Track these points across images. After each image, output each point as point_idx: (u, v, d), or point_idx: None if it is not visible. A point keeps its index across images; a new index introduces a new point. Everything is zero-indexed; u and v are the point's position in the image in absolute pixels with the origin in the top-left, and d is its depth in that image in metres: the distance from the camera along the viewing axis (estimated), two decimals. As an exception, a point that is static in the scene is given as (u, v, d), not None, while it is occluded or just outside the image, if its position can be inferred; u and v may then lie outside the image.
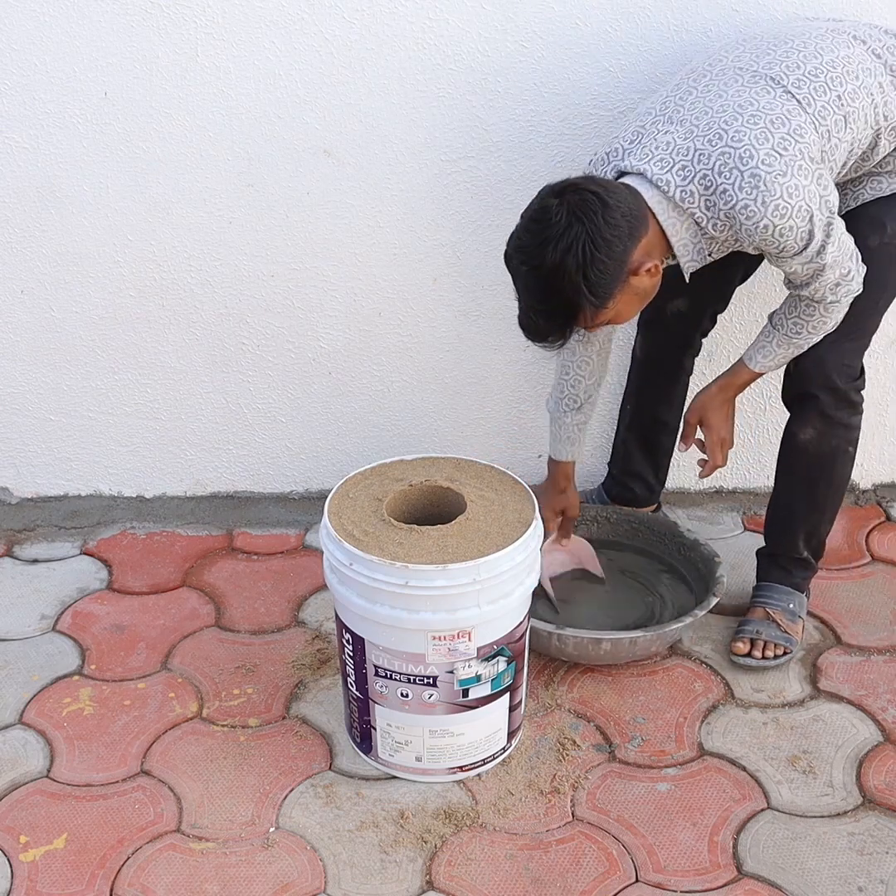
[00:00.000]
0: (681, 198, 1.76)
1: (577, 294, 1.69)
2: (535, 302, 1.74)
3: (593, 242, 1.66)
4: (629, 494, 2.43)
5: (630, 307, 1.82)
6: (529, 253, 1.70)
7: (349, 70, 2.20)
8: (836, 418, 2.06)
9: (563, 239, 1.66)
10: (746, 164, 1.72)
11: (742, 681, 2.12)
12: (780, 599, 2.18)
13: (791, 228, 1.74)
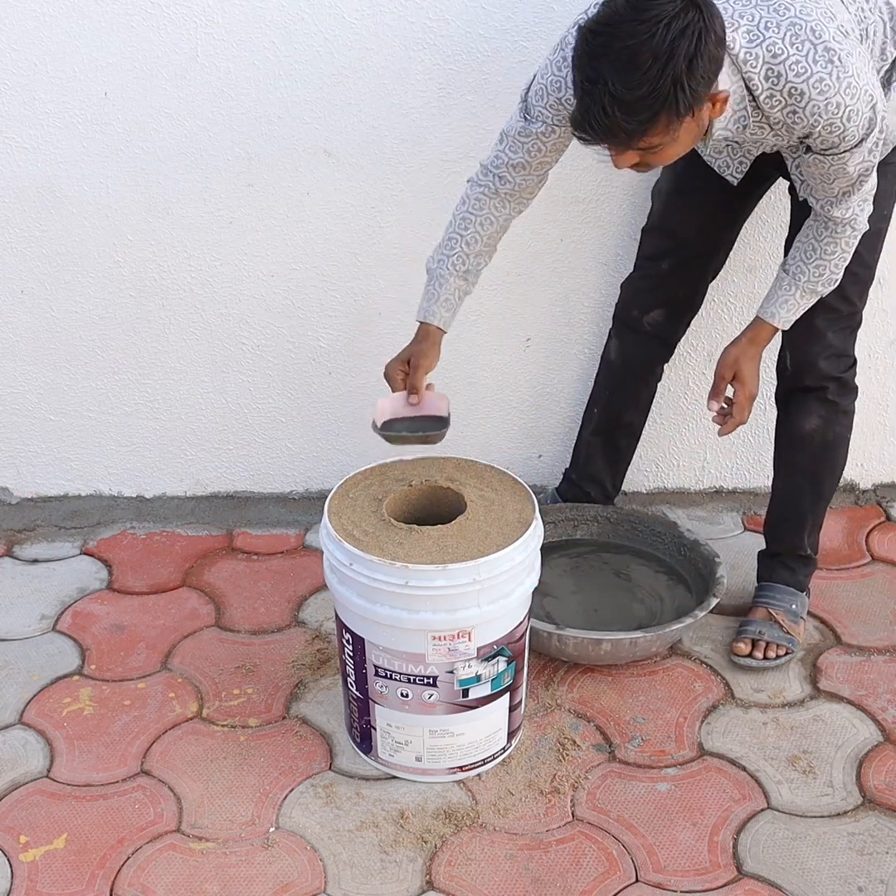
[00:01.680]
0: (744, 58, 1.61)
1: (675, 86, 1.49)
2: (620, 88, 1.48)
3: (707, 33, 1.49)
4: (585, 499, 2.41)
5: (687, 140, 1.63)
6: (630, 28, 1.47)
7: (349, 70, 2.20)
8: (840, 405, 2.07)
9: (677, 19, 1.47)
10: (819, 37, 1.60)
11: (742, 681, 2.12)
12: (782, 600, 2.18)
13: (857, 112, 1.64)
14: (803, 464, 2.12)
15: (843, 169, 1.73)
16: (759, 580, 2.25)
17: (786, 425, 2.14)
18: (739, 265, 2.37)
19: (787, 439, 2.14)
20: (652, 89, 1.49)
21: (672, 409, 2.55)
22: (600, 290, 2.40)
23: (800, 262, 1.89)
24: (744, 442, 2.60)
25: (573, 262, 2.40)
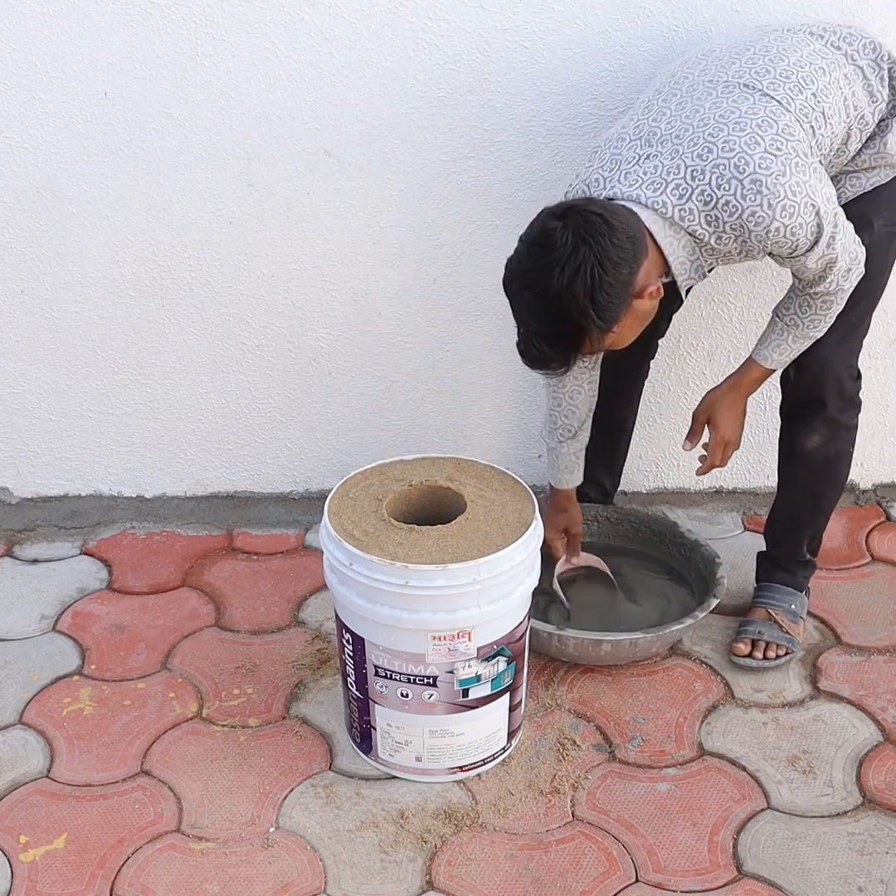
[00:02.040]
0: (680, 217, 1.72)
1: (584, 318, 1.64)
2: (539, 328, 1.68)
3: (601, 265, 1.61)
4: (585, 499, 2.38)
5: (631, 330, 1.78)
6: (533, 278, 1.64)
7: (349, 70, 2.20)
8: (842, 421, 2.06)
9: (570, 262, 1.61)
10: (743, 171, 1.68)
11: (742, 681, 2.12)
12: (781, 600, 2.18)
13: (801, 226, 1.71)
14: (804, 480, 2.11)
15: (806, 266, 1.80)
16: (758, 580, 2.25)
17: (788, 440, 2.12)
18: (739, 265, 2.37)
19: (789, 454, 2.12)
20: (564, 324, 1.65)
21: (672, 409, 2.55)
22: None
23: (794, 315, 1.91)
24: (744, 442, 2.59)
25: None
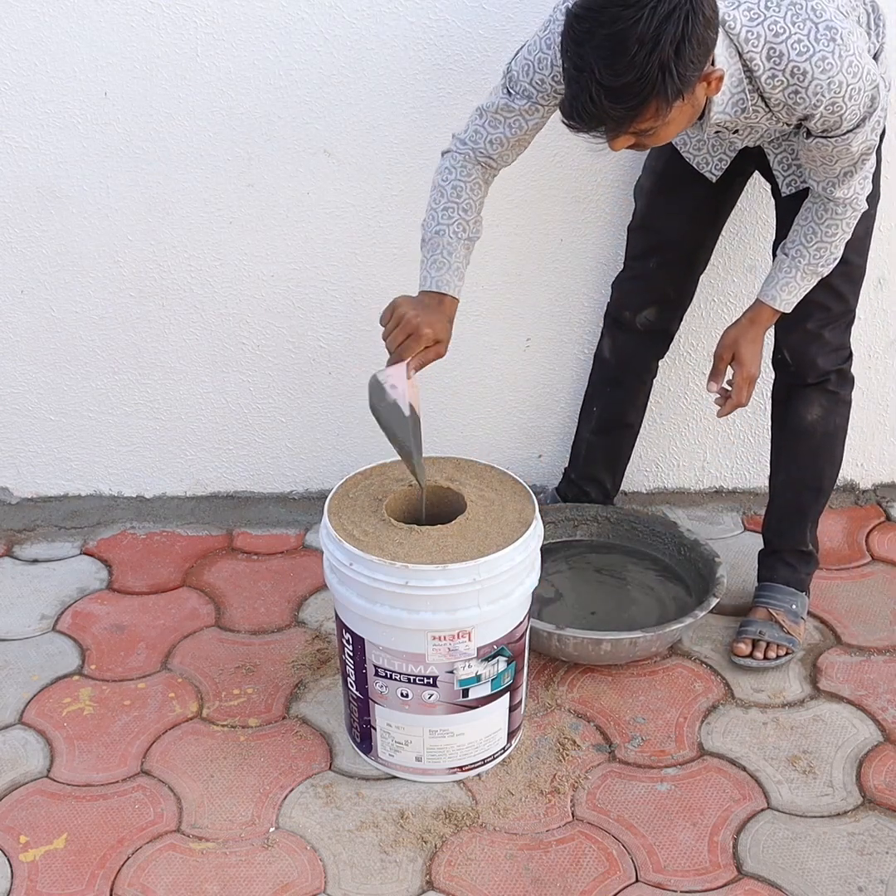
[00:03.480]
0: (745, 37, 1.57)
1: (662, 73, 1.45)
2: (607, 76, 1.45)
3: (695, 15, 1.44)
4: (585, 499, 2.40)
5: (682, 121, 1.59)
6: (614, 13, 1.43)
7: (349, 70, 2.20)
8: (840, 396, 2.08)
9: (663, 2, 1.42)
10: (820, 16, 1.58)
11: (742, 681, 2.12)
12: (782, 600, 2.18)
13: (859, 90, 1.62)
14: (805, 455, 2.12)
15: (847, 149, 1.71)
16: (759, 580, 2.25)
17: (786, 418, 2.13)
18: (739, 265, 2.38)
19: (789, 431, 2.13)
20: (639, 76, 1.45)
21: (672, 409, 2.55)
22: (600, 290, 2.40)
23: (800, 246, 1.87)
24: (744, 442, 2.60)
25: (573, 263, 2.40)
